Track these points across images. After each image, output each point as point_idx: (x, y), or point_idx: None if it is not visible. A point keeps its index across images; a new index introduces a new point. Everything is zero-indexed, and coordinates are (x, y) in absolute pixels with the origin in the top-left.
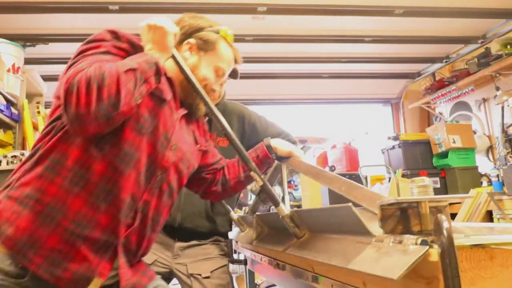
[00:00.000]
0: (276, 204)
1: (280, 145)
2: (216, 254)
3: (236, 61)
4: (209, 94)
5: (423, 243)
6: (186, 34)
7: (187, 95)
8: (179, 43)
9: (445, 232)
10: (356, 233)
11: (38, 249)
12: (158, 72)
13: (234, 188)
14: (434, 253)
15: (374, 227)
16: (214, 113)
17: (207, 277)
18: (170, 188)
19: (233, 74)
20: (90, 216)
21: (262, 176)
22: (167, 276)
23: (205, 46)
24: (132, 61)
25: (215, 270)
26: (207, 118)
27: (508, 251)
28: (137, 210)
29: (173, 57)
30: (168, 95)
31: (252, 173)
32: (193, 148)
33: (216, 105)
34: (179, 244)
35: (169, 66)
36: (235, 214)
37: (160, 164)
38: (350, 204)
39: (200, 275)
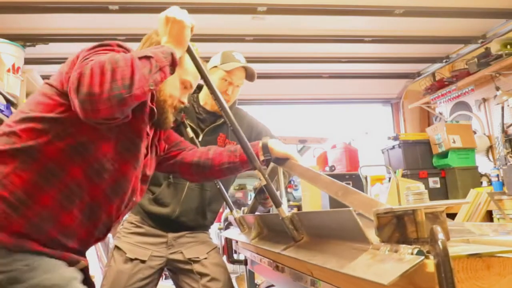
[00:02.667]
0: (278, 205)
1: (276, 146)
2: (206, 239)
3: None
4: (175, 108)
5: (419, 253)
6: None
7: (159, 107)
8: None
9: (440, 244)
10: (354, 239)
11: (26, 250)
12: (174, 63)
13: (213, 174)
14: (430, 264)
15: (371, 234)
16: (226, 110)
17: (205, 258)
18: None
19: (250, 77)
20: (74, 231)
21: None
22: (162, 267)
23: None
24: (147, 51)
25: (210, 251)
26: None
27: (505, 260)
28: (110, 228)
29: (188, 51)
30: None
31: (256, 172)
32: (154, 162)
33: (229, 108)
34: (171, 235)
35: None
36: (237, 213)
37: (136, 192)
38: (351, 208)
39: (198, 257)
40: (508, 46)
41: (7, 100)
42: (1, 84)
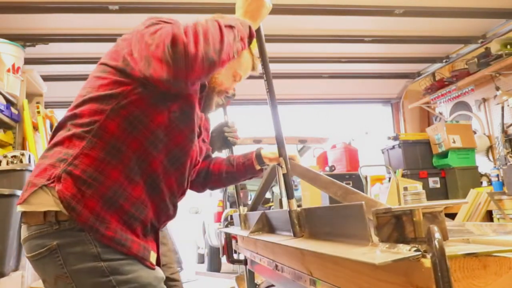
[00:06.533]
0: (291, 196)
1: (268, 154)
2: None
3: (253, 68)
4: (220, 94)
5: (417, 251)
6: None
7: (208, 91)
8: None
9: (436, 243)
10: (354, 236)
11: (107, 226)
12: (251, 35)
13: (213, 184)
14: (427, 263)
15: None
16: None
17: None
18: None
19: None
20: (144, 202)
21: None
22: None
23: None
24: (228, 21)
25: None
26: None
27: (501, 259)
28: (175, 205)
29: (257, 31)
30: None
31: (281, 159)
32: (204, 149)
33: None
34: None
35: None
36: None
37: (195, 163)
38: (363, 202)
39: None
40: (508, 46)
41: (7, 100)
42: (1, 84)
